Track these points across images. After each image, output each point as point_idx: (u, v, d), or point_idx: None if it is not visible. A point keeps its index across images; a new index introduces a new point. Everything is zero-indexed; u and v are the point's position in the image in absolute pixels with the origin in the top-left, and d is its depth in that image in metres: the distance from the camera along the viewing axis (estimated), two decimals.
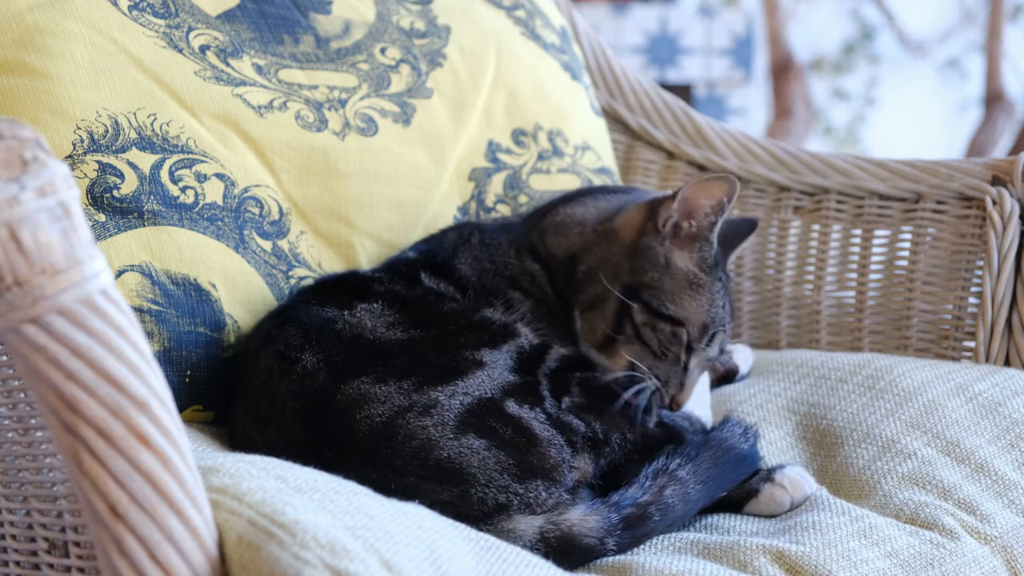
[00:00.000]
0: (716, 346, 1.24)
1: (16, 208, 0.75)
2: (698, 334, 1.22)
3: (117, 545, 0.78)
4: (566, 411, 1.14)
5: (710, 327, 1.22)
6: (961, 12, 4.57)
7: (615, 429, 1.15)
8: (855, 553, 1.05)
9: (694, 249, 1.23)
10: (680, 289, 1.22)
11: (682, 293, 1.22)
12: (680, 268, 1.23)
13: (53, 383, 0.76)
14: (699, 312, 1.22)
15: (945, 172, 1.55)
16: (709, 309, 1.22)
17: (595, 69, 1.84)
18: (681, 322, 1.21)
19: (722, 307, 1.23)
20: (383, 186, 1.43)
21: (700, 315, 1.22)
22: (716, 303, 1.23)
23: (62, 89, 1.22)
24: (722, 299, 1.24)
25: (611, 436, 1.15)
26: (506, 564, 0.94)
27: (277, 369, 1.15)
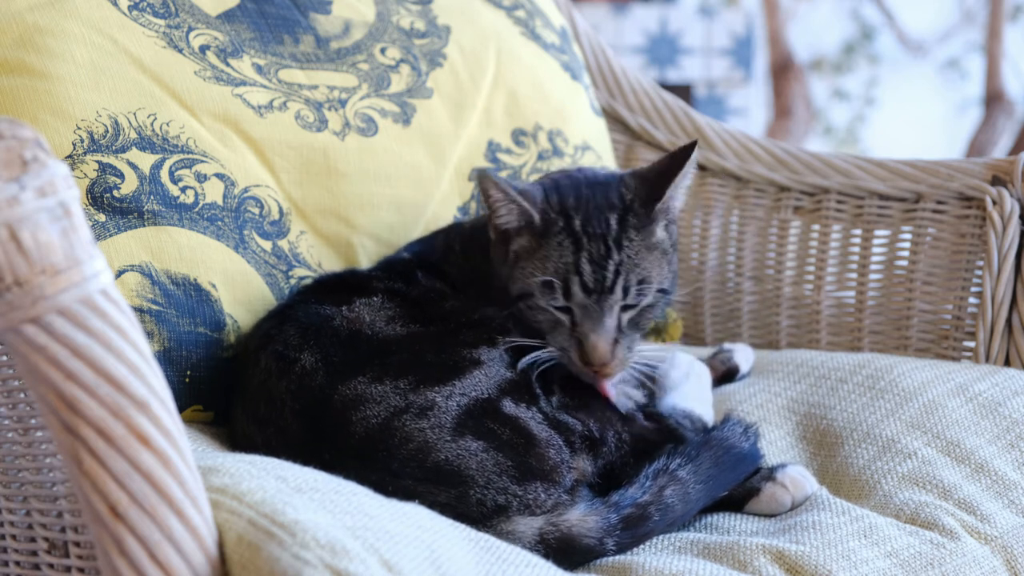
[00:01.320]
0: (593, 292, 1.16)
1: (16, 208, 0.75)
2: (545, 294, 1.17)
3: (117, 545, 0.78)
4: (560, 409, 1.14)
5: (557, 280, 1.17)
6: (961, 12, 4.57)
7: (609, 427, 1.16)
8: (855, 553, 1.05)
9: (519, 234, 1.22)
10: (514, 268, 1.21)
11: (515, 270, 1.21)
12: (512, 250, 1.22)
13: (53, 383, 0.76)
14: (534, 275, 1.18)
15: (945, 172, 1.55)
16: (545, 265, 1.18)
17: (595, 69, 1.84)
18: (529, 293, 1.19)
19: (569, 256, 1.18)
20: (383, 186, 1.43)
21: (539, 276, 1.18)
22: (554, 258, 1.18)
23: (62, 89, 1.22)
24: (568, 252, 1.18)
25: (607, 434, 1.15)
26: (506, 564, 0.94)
27: (276, 369, 1.15)
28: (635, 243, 1.19)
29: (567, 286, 1.17)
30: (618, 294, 1.17)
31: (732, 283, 1.74)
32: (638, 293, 1.18)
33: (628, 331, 1.19)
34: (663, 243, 1.22)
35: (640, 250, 1.19)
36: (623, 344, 1.18)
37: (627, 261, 1.18)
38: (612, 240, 1.18)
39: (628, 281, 1.17)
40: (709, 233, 1.76)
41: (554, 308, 1.18)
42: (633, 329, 1.19)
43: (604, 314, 1.17)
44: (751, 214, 1.72)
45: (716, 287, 1.76)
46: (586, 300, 1.17)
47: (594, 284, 1.17)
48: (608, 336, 1.17)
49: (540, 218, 1.20)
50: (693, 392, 1.32)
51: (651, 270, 1.19)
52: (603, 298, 1.17)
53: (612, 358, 1.17)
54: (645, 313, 1.20)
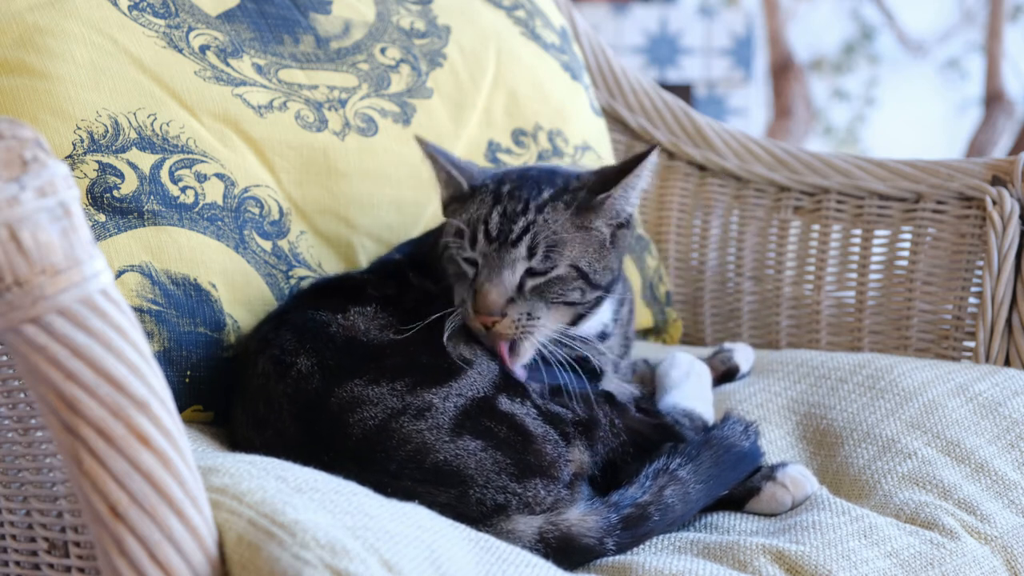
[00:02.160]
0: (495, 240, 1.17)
1: (16, 208, 0.75)
2: (457, 244, 1.19)
3: (117, 545, 0.78)
4: (549, 400, 1.14)
5: (467, 229, 1.19)
6: (961, 12, 4.57)
7: (598, 408, 1.15)
8: (855, 553, 1.05)
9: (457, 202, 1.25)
10: (445, 226, 1.24)
11: (446, 227, 1.24)
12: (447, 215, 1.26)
13: (53, 383, 0.76)
14: (452, 225, 1.21)
15: (945, 172, 1.55)
16: (463, 215, 1.21)
17: (595, 69, 1.84)
18: (447, 245, 1.21)
19: (485, 209, 1.19)
20: (383, 186, 1.43)
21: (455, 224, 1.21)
22: (471, 210, 1.21)
23: (62, 89, 1.22)
24: (485, 206, 1.20)
25: (597, 415, 1.15)
26: (506, 564, 0.94)
27: (273, 373, 1.15)
28: (560, 214, 1.18)
29: (474, 234, 1.18)
30: (522, 249, 1.16)
31: (732, 283, 1.74)
32: (545, 257, 1.17)
33: (531, 298, 1.17)
34: (598, 233, 1.21)
35: (564, 222, 1.18)
36: (520, 306, 1.16)
37: (542, 223, 1.17)
38: (535, 204, 1.19)
39: (536, 241, 1.16)
40: (709, 233, 1.76)
41: (463, 259, 1.19)
42: (537, 298, 1.17)
43: (503, 265, 1.16)
44: (751, 214, 1.72)
45: (716, 287, 1.76)
46: (487, 248, 1.17)
47: (497, 233, 1.17)
48: (502, 288, 1.15)
49: (468, 185, 1.23)
50: (693, 391, 1.32)
51: (569, 242, 1.18)
52: (504, 248, 1.16)
53: (503, 315, 1.15)
54: (554, 286, 1.17)
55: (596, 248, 1.20)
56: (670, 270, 1.79)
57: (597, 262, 1.20)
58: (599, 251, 1.20)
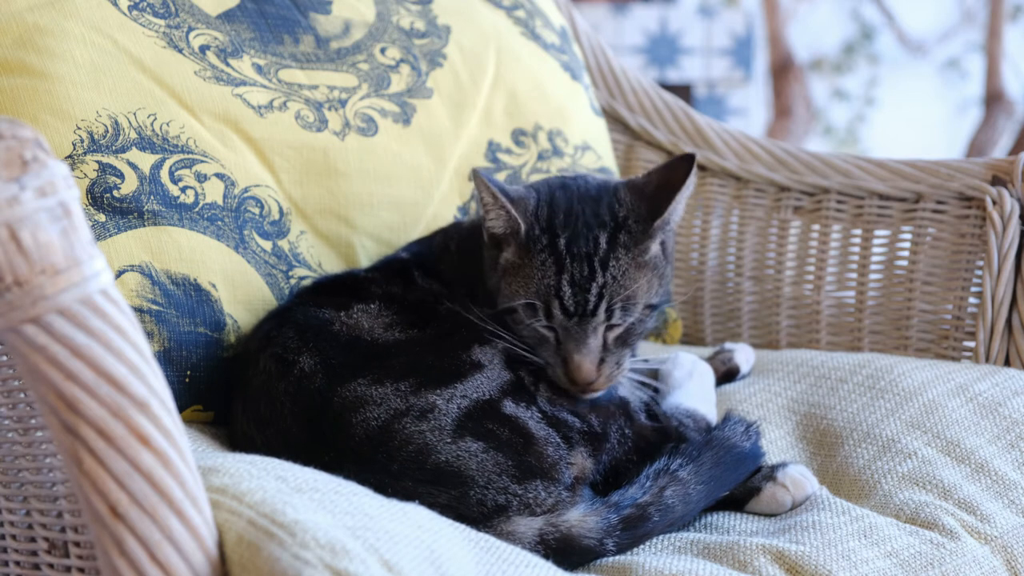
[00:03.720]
0: (574, 315, 1.15)
1: (16, 208, 0.75)
2: (529, 314, 1.17)
3: (117, 545, 0.78)
4: (560, 407, 1.14)
5: (538, 302, 1.16)
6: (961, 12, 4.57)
7: (612, 421, 1.15)
8: (855, 553, 1.05)
9: (507, 243, 1.21)
10: (501, 280, 1.21)
11: (502, 283, 1.20)
12: (500, 261, 1.22)
13: (53, 383, 0.76)
14: (518, 295, 1.18)
15: (945, 172, 1.55)
16: (528, 286, 1.17)
17: (595, 69, 1.84)
18: (514, 309, 1.19)
19: (551, 278, 1.16)
20: (383, 186, 1.43)
21: (521, 297, 1.18)
22: (536, 278, 1.17)
23: (62, 89, 1.22)
24: (550, 273, 1.16)
25: (609, 429, 1.15)
26: (506, 564, 0.94)
27: (275, 371, 1.15)
28: (622, 262, 1.17)
29: (548, 308, 1.16)
30: (600, 316, 1.16)
31: (732, 283, 1.74)
32: (623, 313, 1.16)
33: (615, 348, 1.17)
34: (655, 259, 1.20)
35: (628, 269, 1.17)
36: (609, 362, 1.17)
37: (611, 282, 1.16)
38: (598, 261, 1.17)
39: (612, 303, 1.16)
40: (709, 233, 1.76)
41: (539, 327, 1.17)
42: (620, 346, 1.18)
43: (587, 335, 1.16)
44: (751, 214, 1.72)
45: (716, 287, 1.76)
46: (567, 323, 1.16)
47: (575, 307, 1.16)
48: (592, 356, 1.16)
49: (526, 230, 1.19)
50: (696, 391, 1.32)
51: (638, 289, 1.17)
52: (585, 320, 1.16)
53: (597, 376, 1.16)
54: (632, 330, 1.18)
55: (657, 276, 1.20)
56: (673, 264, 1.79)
57: (659, 287, 1.21)
58: (659, 276, 1.21)
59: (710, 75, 3.67)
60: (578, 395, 1.17)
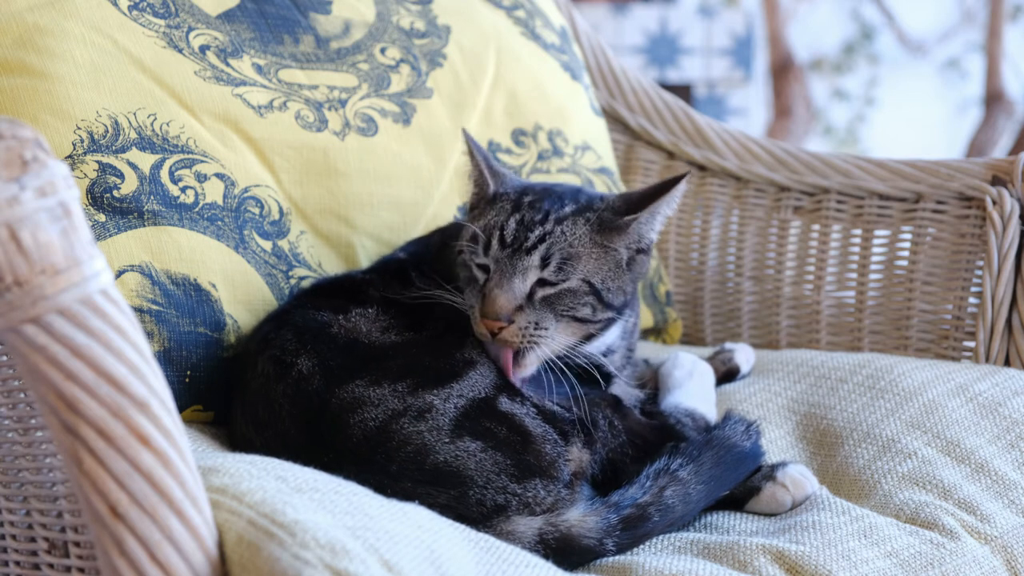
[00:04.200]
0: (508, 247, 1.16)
1: (16, 208, 0.75)
2: (471, 250, 1.19)
3: (117, 545, 0.78)
4: (549, 400, 1.14)
5: (483, 235, 1.18)
6: (961, 12, 4.57)
7: (597, 410, 1.15)
8: (855, 553, 1.05)
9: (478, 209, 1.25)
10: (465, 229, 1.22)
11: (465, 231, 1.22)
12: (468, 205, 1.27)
13: (53, 383, 0.76)
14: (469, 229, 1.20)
15: (945, 172, 1.55)
16: (479, 220, 1.20)
17: (595, 69, 1.84)
18: (461, 250, 1.21)
19: (503, 216, 1.19)
20: (383, 186, 1.43)
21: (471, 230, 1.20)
22: (489, 216, 1.20)
23: (62, 89, 1.22)
24: (503, 213, 1.20)
25: (596, 417, 1.14)
26: (506, 564, 0.94)
27: (273, 373, 1.15)
28: (580, 230, 1.17)
29: (488, 240, 1.17)
30: (535, 258, 1.15)
31: (732, 283, 1.74)
32: (559, 269, 1.15)
33: (540, 308, 1.15)
34: (617, 254, 1.20)
35: (582, 237, 1.17)
36: (527, 314, 1.14)
37: (559, 235, 1.16)
38: (554, 216, 1.18)
39: (550, 251, 1.15)
40: (709, 233, 1.76)
41: (475, 264, 1.18)
42: (547, 309, 1.16)
43: (514, 272, 1.15)
44: (751, 214, 1.72)
45: (716, 287, 1.76)
46: (500, 254, 1.16)
47: (512, 239, 1.16)
48: (511, 295, 1.14)
49: (494, 191, 1.23)
50: (696, 391, 1.32)
51: (583, 256, 1.17)
52: (518, 256, 1.15)
53: (509, 321, 1.14)
54: (564, 298, 1.16)
55: (612, 267, 1.19)
56: (670, 270, 1.79)
57: (611, 281, 1.19)
58: (614, 271, 1.19)
59: (710, 75, 3.67)
60: (488, 342, 1.15)
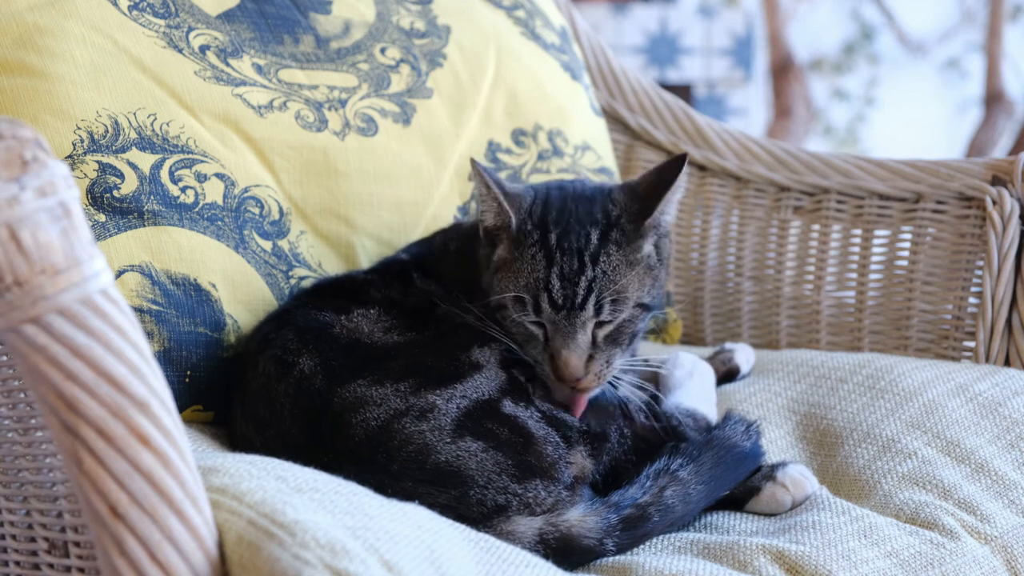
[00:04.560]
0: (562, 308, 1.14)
1: (16, 208, 0.75)
2: (518, 309, 1.16)
3: (117, 545, 0.78)
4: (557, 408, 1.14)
5: (527, 296, 1.16)
6: (961, 12, 4.57)
7: (611, 421, 1.15)
8: (855, 553, 1.05)
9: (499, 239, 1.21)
10: (493, 277, 1.20)
11: (494, 280, 1.20)
12: (494, 258, 1.21)
13: (53, 383, 0.76)
14: (508, 289, 1.17)
15: (945, 172, 1.55)
16: (518, 280, 1.17)
17: (595, 69, 1.84)
18: (504, 305, 1.18)
19: (541, 271, 1.16)
20: (383, 186, 1.43)
21: (511, 291, 1.17)
22: (526, 272, 1.17)
23: (62, 89, 1.22)
24: (540, 266, 1.16)
25: (608, 429, 1.15)
26: (506, 564, 0.94)
27: (274, 373, 1.15)
28: (614, 258, 1.17)
29: (537, 302, 1.16)
30: (589, 311, 1.15)
31: (732, 283, 1.74)
32: (612, 310, 1.16)
33: (605, 346, 1.16)
34: (649, 258, 1.20)
35: (619, 265, 1.17)
36: (599, 360, 1.16)
37: (601, 277, 1.16)
38: (588, 256, 1.16)
39: (601, 297, 1.15)
40: (709, 233, 1.76)
41: (528, 322, 1.17)
42: (611, 344, 1.17)
43: (576, 330, 1.15)
44: (751, 214, 1.72)
45: (716, 287, 1.76)
46: (555, 316, 1.15)
47: (563, 300, 1.15)
48: (580, 352, 1.15)
49: (517, 224, 1.19)
50: (696, 391, 1.32)
51: (629, 286, 1.17)
52: (573, 314, 1.15)
53: (585, 373, 1.15)
54: (623, 328, 1.17)
55: (650, 277, 1.19)
56: (670, 270, 1.79)
57: (653, 288, 1.20)
58: (653, 277, 1.20)
59: (710, 75, 3.67)
60: (565, 396, 1.17)
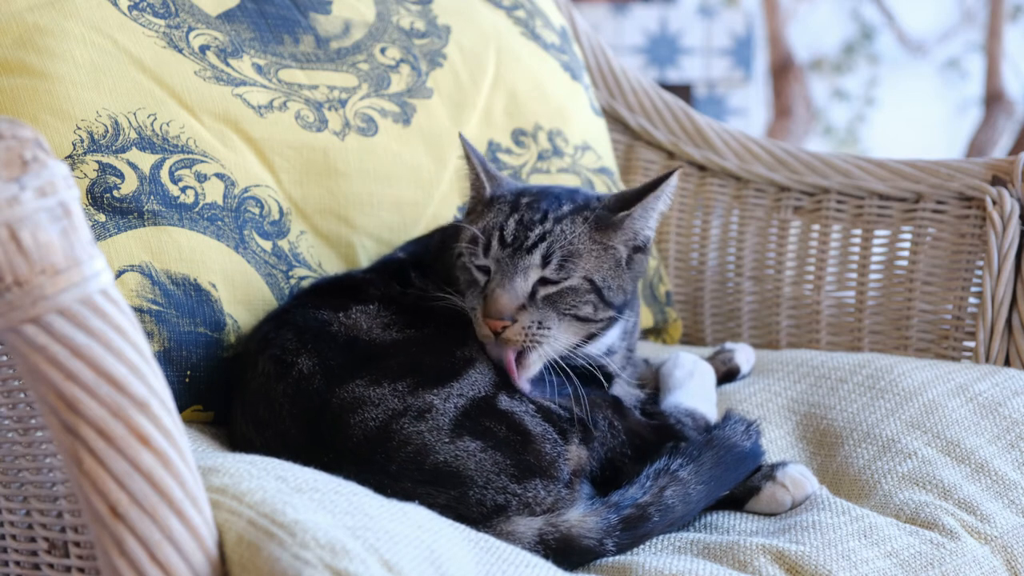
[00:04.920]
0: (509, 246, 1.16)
1: (16, 208, 0.75)
2: (470, 250, 1.18)
3: (117, 545, 0.78)
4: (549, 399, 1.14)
5: (482, 236, 1.18)
6: (961, 12, 4.57)
7: (598, 411, 1.15)
8: (855, 553, 1.05)
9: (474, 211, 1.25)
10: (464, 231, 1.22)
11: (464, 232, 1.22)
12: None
13: (53, 383, 0.76)
14: (468, 230, 1.20)
15: (945, 172, 1.55)
16: (479, 222, 1.20)
17: (595, 69, 1.84)
18: (461, 253, 1.20)
19: (501, 217, 1.19)
20: (383, 186, 1.43)
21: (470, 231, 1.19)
22: (488, 217, 1.20)
23: (62, 89, 1.22)
24: (502, 214, 1.20)
25: (596, 417, 1.14)
26: (506, 564, 0.94)
27: (274, 373, 1.15)
28: (579, 228, 1.18)
29: (488, 240, 1.17)
30: (536, 257, 1.15)
31: (732, 283, 1.74)
32: (560, 267, 1.15)
33: (543, 306, 1.15)
34: (616, 252, 1.20)
35: (581, 235, 1.17)
36: (530, 314, 1.14)
37: (558, 233, 1.17)
38: (553, 216, 1.18)
39: (551, 249, 1.16)
40: (709, 233, 1.76)
41: (476, 266, 1.18)
42: (549, 308, 1.15)
43: (516, 271, 1.15)
44: (751, 214, 1.72)
45: (716, 287, 1.76)
46: (501, 254, 1.16)
47: (512, 239, 1.17)
48: (513, 294, 1.14)
49: (490, 192, 1.23)
50: (696, 391, 1.32)
51: (584, 255, 1.17)
52: (519, 255, 1.16)
53: (512, 320, 1.13)
54: (566, 296, 1.16)
55: (612, 265, 1.19)
56: (670, 270, 1.79)
57: (612, 279, 1.19)
58: (614, 269, 1.19)
59: (710, 75, 3.67)
60: (491, 344, 1.15)
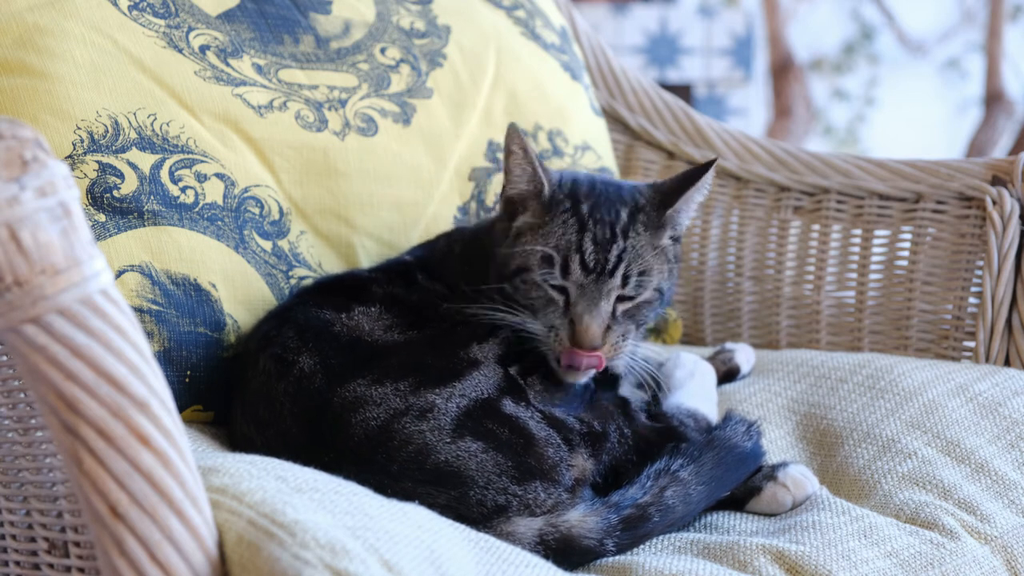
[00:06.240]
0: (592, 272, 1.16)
1: (16, 208, 0.75)
2: (542, 266, 1.17)
3: (117, 545, 0.78)
4: (557, 407, 1.14)
5: (557, 256, 1.17)
6: (961, 12, 4.58)
7: (611, 420, 1.15)
8: (855, 553, 1.05)
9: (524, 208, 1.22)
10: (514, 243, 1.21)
11: (515, 246, 1.20)
12: (515, 226, 1.22)
13: (53, 383, 0.76)
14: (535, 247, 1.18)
15: (945, 172, 1.55)
16: (547, 240, 1.18)
17: (595, 69, 1.84)
18: (526, 268, 1.19)
19: (573, 234, 1.17)
20: (383, 186, 1.43)
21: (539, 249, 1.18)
22: (557, 234, 1.18)
23: (62, 89, 1.22)
24: (572, 230, 1.18)
25: (608, 428, 1.15)
26: (506, 564, 0.94)
27: (274, 371, 1.15)
28: (641, 237, 1.20)
29: (566, 263, 1.17)
30: (617, 279, 1.17)
31: (732, 283, 1.74)
32: (638, 284, 1.18)
33: (622, 322, 1.18)
34: (667, 250, 1.23)
35: (645, 245, 1.19)
36: (615, 331, 1.17)
37: (631, 250, 1.18)
38: (619, 228, 1.19)
39: (629, 270, 1.17)
40: (709, 233, 1.76)
41: (550, 285, 1.18)
42: (628, 321, 1.19)
43: (601, 296, 1.16)
44: (751, 214, 1.72)
45: (716, 287, 1.76)
46: (584, 279, 1.17)
47: (595, 264, 1.17)
48: (601, 319, 1.16)
49: (549, 191, 1.21)
50: (697, 391, 1.32)
51: (653, 267, 1.19)
52: (601, 280, 1.17)
53: (603, 343, 1.16)
54: (642, 308, 1.20)
55: (668, 267, 1.22)
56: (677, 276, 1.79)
57: (669, 279, 1.22)
58: (670, 270, 1.23)
59: (710, 75, 3.67)
60: (569, 374, 1.17)
